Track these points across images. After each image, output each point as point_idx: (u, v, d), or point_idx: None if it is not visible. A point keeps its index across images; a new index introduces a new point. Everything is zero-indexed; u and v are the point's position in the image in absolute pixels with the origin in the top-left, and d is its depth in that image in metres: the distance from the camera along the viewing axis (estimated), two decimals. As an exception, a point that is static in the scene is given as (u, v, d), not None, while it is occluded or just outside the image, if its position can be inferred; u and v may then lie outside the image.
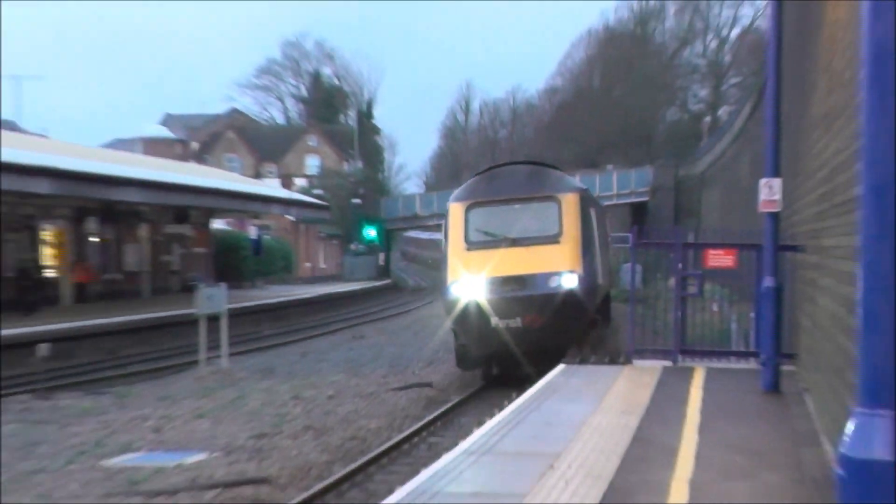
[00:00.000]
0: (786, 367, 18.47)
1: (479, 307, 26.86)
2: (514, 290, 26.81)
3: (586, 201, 29.47)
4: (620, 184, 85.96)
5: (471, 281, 27.17)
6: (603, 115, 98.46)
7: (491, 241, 28.01)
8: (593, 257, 29.00)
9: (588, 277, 27.90)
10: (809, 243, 17.00)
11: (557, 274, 27.04)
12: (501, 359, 28.67)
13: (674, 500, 10.15)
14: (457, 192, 30.82)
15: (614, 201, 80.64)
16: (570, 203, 28.16)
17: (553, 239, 27.71)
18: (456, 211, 29.00)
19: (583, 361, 22.89)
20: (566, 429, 14.18)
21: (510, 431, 14.24)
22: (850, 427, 4.10)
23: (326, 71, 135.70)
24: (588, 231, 28.81)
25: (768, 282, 17.92)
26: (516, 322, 26.80)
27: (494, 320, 26.70)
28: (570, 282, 26.93)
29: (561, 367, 21.30)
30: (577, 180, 31.91)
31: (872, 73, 4.06)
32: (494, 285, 26.99)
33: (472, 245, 28.12)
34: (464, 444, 13.33)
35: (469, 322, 27.53)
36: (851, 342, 10.11)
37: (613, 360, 22.70)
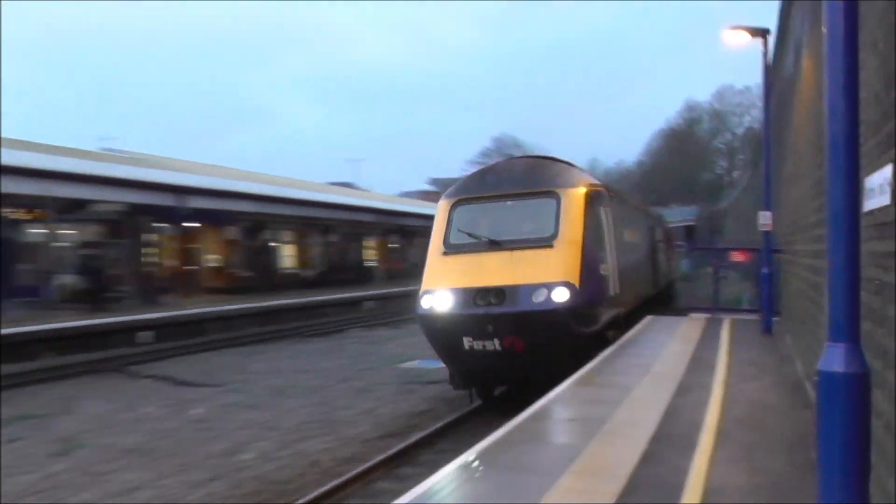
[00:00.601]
0: (775, 319, 17.95)
1: (449, 324, 13.92)
2: (491, 305, 13.62)
3: (597, 199, 15.52)
4: (680, 215, 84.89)
5: (442, 292, 14.15)
6: (669, 175, 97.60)
7: (472, 245, 14.70)
8: (602, 265, 15.06)
9: (590, 291, 14.20)
10: (787, 248, 16.56)
11: (545, 286, 13.67)
12: (495, 382, 15.31)
13: (715, 392, 9.97)
14: (449, 189, 16.81)
15: (676, 225, 79.37)
16: (572, 199, 14.59)
17: (546, 242, 14.21)
18: (441, 209, 15.87)
19: (661, 314, 22.04)
20: (654, 351, 13.99)
21: (623, 353, 14.08)
22: (824, 353, 4.10)
23: (517, 154, 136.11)
24: (596, 234, 15.08)
25: (765, 270, 17.58)
26: (493, 345, 13.66)
27: (468, 341, 13.77)
28: (561, 296, 13.46)
29: (648, 318, 20.70)
30: (589, 174, 17.45)
31: (833, 151, 4.07)
32: (468, 298, 13.88)
33: (450, 248, 14.95)
34: (598, 358, 13.21)
35: (439, 342, 14.48)
36: (811, 305, 9.88)
37: (679, 314, 22.25)
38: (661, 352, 14.00)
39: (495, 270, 13.87)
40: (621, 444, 7.23)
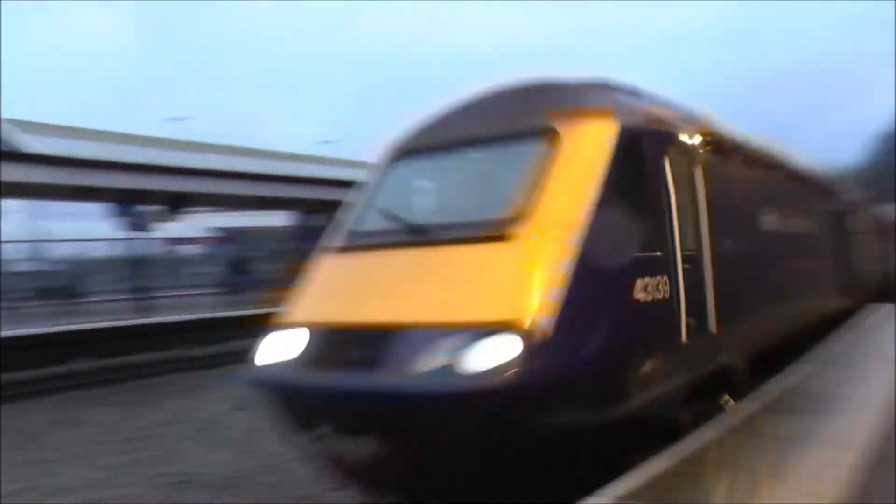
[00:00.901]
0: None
1: (293, 397, 4.39)
2: (358, 368, 3.95)
3: (656, 142, 4.98)
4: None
5: (295, 331, 4.57)
6: (887, 175, 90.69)
7: (386, 235, 4.79)
8: (649, 280, 4.40)
9: (592, 337, 3.91)
10: None
11: (462, 331, 3.65)
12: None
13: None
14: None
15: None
16: (582, 141, 4.24)
17: (493, 229, 4.12)
18: (373, 172, 5.88)
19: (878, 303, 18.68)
20: (885, 337, 12.12)
21: (857, 339, 12.21)
22: None
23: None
24: (644, 212, 4.65)
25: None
26: (367, 444, 3.95)
27: (321, 434, 4.09)
28: (495, 356, 3.57)
29: (873, 307, 17.31)
30: (659, 102, 5.68)
31: None
32: (326, 349, 4.26)
33: (353, 239, 5.11)
34: (839, 342, 11.58)
35: (284, 421, 4.71)
36: None
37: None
38: (891, 337, 12.13)
39: (392, 289, 5.04)
40: (862, 420, 6.48)
